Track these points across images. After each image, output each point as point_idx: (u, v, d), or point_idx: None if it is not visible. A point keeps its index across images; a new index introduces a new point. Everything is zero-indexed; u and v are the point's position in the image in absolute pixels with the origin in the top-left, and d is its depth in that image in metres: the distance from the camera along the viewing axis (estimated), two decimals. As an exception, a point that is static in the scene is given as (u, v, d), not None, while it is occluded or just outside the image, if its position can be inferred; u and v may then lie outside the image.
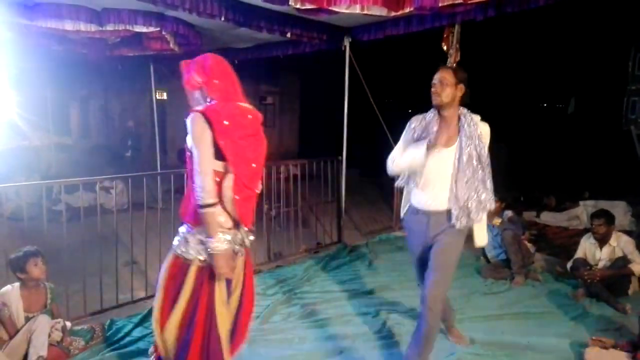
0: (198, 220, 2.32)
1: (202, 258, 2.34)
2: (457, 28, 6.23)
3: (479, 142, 2.84)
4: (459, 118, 2.90)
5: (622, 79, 6.20)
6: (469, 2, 4.07)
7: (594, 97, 10.48)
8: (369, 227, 6.93)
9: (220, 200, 2.30)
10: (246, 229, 2.49)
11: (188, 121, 2.32)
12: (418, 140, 2.92)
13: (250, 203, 2.45)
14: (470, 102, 3.02)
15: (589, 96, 10.73)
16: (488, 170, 2.88)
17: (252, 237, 2.53)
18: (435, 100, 2.88)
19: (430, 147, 2.79)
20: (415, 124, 3.00)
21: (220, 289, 2.37)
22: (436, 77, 2.88)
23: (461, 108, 2.92)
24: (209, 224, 2.26)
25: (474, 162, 2.83)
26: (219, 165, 2.30)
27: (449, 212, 2.88)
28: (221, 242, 2.27)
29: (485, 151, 2.86)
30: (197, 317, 2.34)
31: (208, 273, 2.34)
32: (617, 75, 6.80)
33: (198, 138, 2.27)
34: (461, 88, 2.87)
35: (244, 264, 2.54)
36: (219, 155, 2.27)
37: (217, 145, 2.26)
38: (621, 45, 6.64)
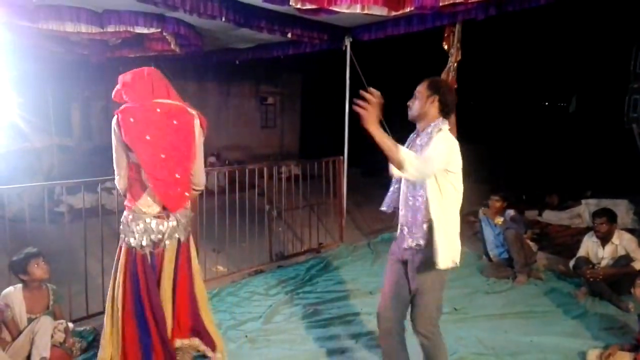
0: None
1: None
2: (457, 27, 6.23)
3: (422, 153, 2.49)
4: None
5: (624, 78, 6.19)
6: (470, 1, 4.06)
7: (595, 96, 10.45)
8: (371, 227, 6.92)
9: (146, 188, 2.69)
10: (179, 215, 2.78)
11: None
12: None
13: (170, 188, 2.70)
14: (472, 102, 2.99)
15: (590, 95, 10.71)
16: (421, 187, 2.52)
17: (175, 222, 2.79)
18: (409, 114, 2.69)
19: None
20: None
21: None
22: (416, 89, 2.68)
23: (438, 121, 2.58)
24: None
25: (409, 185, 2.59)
26: (134, 157, 2.65)
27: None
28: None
29: None
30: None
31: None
32: (619, 74, 6.79)
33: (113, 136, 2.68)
34: (433, 100, 2.58)
35: (176, 255, 2.78)
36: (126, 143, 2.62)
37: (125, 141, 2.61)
38: (623, 44, 6.63)
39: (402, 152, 2.38)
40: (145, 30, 5.26)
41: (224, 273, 4.87)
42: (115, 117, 2.64)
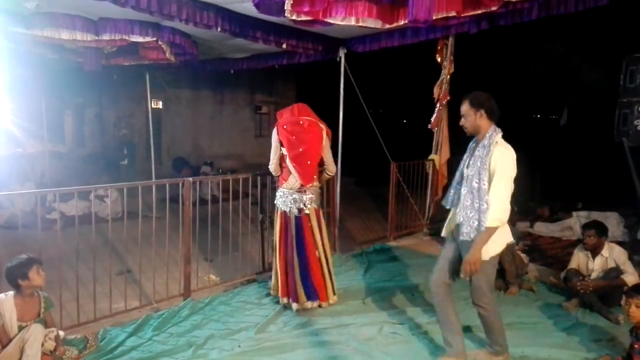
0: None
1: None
2: (450, 40, 6.30)
3: (481, 164, 2.96)
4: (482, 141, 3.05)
5: (614, 91, 6.27)
6: (463, 15, 4.12)
7: (586, 109, 10.57)
8: (364, 237, 6.94)
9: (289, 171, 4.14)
10: (307, 189, 4.17)
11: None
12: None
13: (307, 170, 4.13)
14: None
15: (581, 108, 10.83)
16: (482, 194, 2.95)
17: (311, 195, 4.20)
18: (466, 130, 3.13)
19: None
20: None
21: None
22: (461, 110, 3.11)
23: (491, 130, 3.02)
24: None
25: (473, 183, 2.99)
26: (284, 151, 4.13)
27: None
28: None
29: (484, 173, 2.95)
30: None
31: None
32: (609, 88, 6.88)
33: (274, 137, 4.18)
34: (481, 114, 3.02)
35: (306, 219, 4.17)
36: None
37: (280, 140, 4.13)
38: (613, 58, 6.72)
39: (491, 228, 2.95)
40: (140, 39, 5.27)
41: (216, 282, 4.86)
42: (276, 127, 4.16)
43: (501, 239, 3.08)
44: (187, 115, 12.30)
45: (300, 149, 4.09)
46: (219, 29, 4.69)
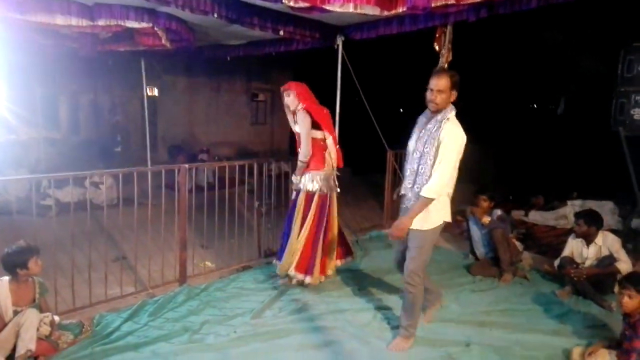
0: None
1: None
2: (449, 28, 6.26)
3: (429, 139, 3.03)
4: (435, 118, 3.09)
5: (612, 81, 6.27)
6: (462, 2, 4.09)
7: (583, 98, 10.58)
8: (360, 225, 6.95)
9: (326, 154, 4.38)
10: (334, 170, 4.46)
11: (302, 114, 4.23)
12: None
13: (338, 154, 4.48)
14: (461, 103, 3.13)
15: (578, 97, 10.83)
16: (426, 167, 3.03)
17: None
18: (431, 107, 3.06)
19: None
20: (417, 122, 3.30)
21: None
22: (433, 84, 3.01)
23: (448, 108, 3.07)
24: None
25: (418, 154, 3.08)
26: (317, 134, 4.29)
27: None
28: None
29: (432, 148, 3.01)
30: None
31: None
32: (607, 77, 6.88)
33: (306, 123, 4.21)
34: (454, 93, 3.07)
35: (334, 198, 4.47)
36: (316, 126, 4.27)
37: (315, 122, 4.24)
38: (611, 47, 6.71)
39: (426, 199, 3.01)
40: (136, 25, 5.21)
41: (212, 269, 4.87)
42: (307, 110, 4.22)
43: (437, 215, 3.15)
44: (183, 102, 12.22)
45: (334, 133, 4.45)
46: (215, 15, 4.64)
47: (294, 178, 4.43)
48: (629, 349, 2.99)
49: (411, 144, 3.22)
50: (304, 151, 4.27)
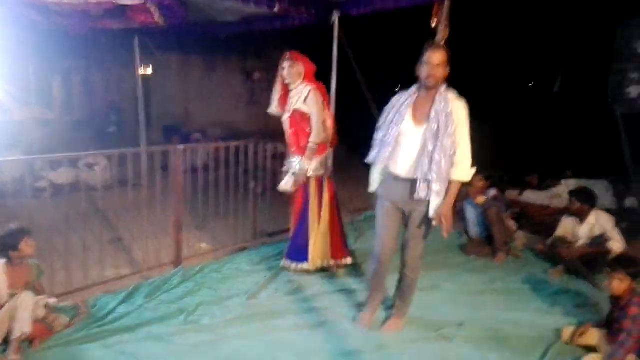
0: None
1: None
2: (446, 4, 6.16)
3: (446, 118, 2.90)
4: (435, 97, 2.97)
5: (608, 58, 6.22)
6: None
7: (580, 76, 10.49)
8: (355, 206, 6.96)
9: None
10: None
11: (314, 94, 4.02)
12: (391, 122, 3.06)
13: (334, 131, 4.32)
14: (457, 80, 3.07)
15: (575, 75, 10.74)
16: (449, 145, 2.91)
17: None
18: (430, 82, 2.94)
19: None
20: (392, 105, 3.11)
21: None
22: (431, 58, 2.92)
23: (444, 84, 3.00)
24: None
25: (435, 139, 2.91)
26: (326, 115, 4.17)
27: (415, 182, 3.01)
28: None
29: (451, 128, 2.90)
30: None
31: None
32: (603, 54, 6.82)
33: (320, 104, 4.05)
34: (448, 69, 2.99)
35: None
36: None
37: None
38: (608, 24, 6.63)
39: (459, 183, 3.03)
40: (128, 2, 5.12)
41: (207, 250, 4.88)
42: (316, 89, 4.04)
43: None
44: (177, 82, 12.09)
45: (331, 111, 4.46)
46: (208, -9, 4.56)
47: (305, 163, 4.05)
48: (619, 329, 3.03)
49: (406, 125, 3.00)
50: (317, 133, 4.02)
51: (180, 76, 12.14)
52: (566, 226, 4.62)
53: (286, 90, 4.19)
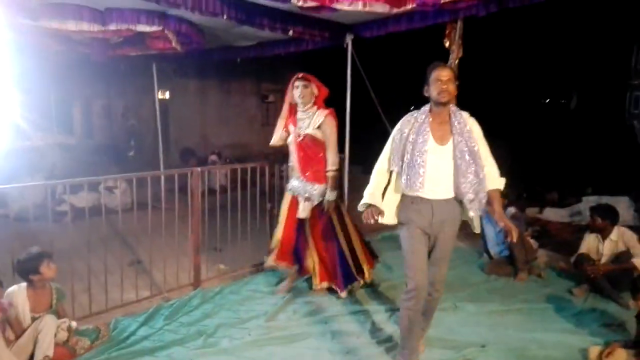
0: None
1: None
2: (459, 24, 6.20)
3: (469, 137, 2.91)
4: (450, 116, 2.96)
5: (625, 75, 6.18)
6: (471, -2, 4.05)
7: (596, 93, 10.43)
8: (372, 226, 6.85)
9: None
10: None
11: (330, 119, 4.06)
12: (414, 143, 2.92)
13: None
14: (474, 98, 3.07)
15: (591, 92, 10.68)
16: (480, 163, 2.91)
17: None
18: (445, 97, 2.90)
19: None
20: (407, 128, 2.99)
21: None
22: (440, 75, 2.91)
23: (451, 105, 3.01)
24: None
25: (467, 157, 2.89)
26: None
27: (449, 202, 2.98)
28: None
29: (476, 146, 2.91)
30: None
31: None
32: (620, 71, 6.78)
33: (335, 129, 4.10)
34: (457, 82, 3.01)
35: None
36: None
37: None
38: (623, 41, 6.61)
39: (498, 189, 3.09)
40: (147, 29, 5.25)
41: (226, 271, 4.88)
42: (330, 115, 4.08)
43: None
44: (194, 105, 12.29)
45: None
46: (225, 17, 4.66)
47: (331, 194, 4.05)
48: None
49: (431, 146, 2.90)
50: (335, 160, 4.05)
51: (197, 100, 12.34)
52: (589, 243, 4.54)
53: (292, 112, 4.19)
